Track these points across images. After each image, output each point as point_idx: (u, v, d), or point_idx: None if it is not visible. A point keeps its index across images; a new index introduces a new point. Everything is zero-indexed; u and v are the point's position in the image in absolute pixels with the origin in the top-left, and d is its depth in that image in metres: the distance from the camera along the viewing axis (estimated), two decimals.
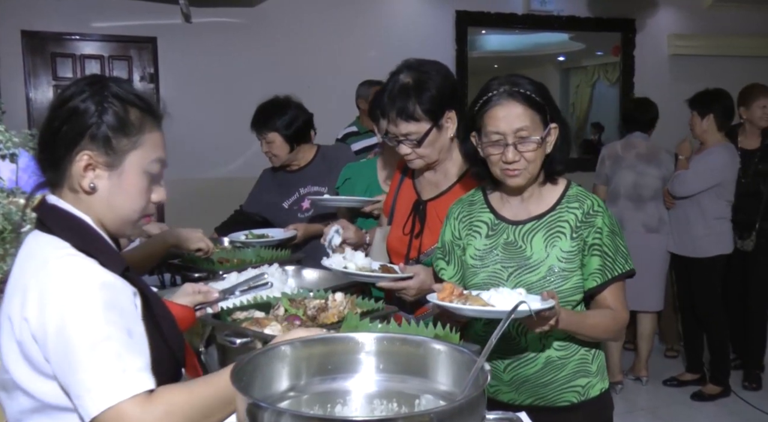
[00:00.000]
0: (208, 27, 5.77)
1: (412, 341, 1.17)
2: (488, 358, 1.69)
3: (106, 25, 5.59)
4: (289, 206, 3.25)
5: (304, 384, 1.16)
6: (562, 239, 1.79)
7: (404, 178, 2.32)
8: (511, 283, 1.78)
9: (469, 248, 1.89)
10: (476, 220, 1.90)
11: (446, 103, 2.07)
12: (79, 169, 1.26)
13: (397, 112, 2.04)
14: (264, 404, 0.94)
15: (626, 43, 7.39)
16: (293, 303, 1.89)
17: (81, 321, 1.15)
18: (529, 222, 1.83)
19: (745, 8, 7.48)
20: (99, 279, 1.19)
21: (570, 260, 1.77)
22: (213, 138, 5.71)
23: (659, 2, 7.31)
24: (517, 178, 1.77)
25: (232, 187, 5.08)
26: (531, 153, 1.75)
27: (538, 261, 1.78)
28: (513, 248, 1.82)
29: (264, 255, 2.77)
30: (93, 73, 1.39)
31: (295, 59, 5.87)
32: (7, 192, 1.85)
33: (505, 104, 1.74)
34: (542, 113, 1.76)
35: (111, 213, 1.30)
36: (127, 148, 1.28)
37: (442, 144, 2.10)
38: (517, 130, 1.72)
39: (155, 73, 5.72)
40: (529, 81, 1.79)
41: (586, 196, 1.85)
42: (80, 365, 1.13)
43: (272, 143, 3.14)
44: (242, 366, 1.06)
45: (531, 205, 1.85)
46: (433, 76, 2.07)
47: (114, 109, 1.26)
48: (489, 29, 6.94)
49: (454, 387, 1.08)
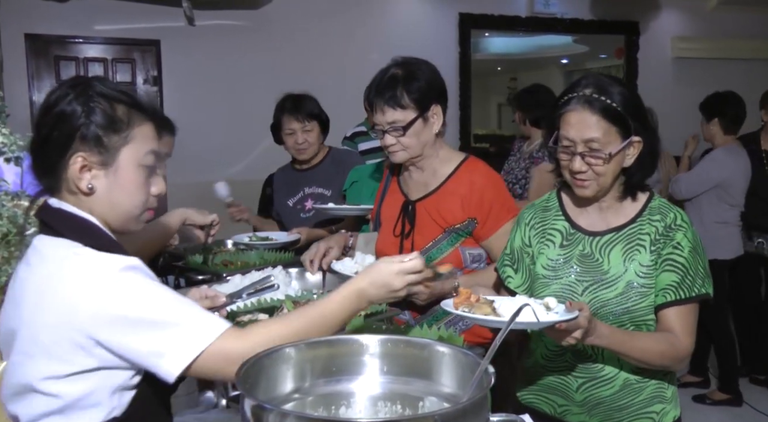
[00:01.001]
0: (211, 30, 5.79)
1: (417, 343, 1.17)
2: (559, 375, 1.70)
3: (109, 27, 5.61)
4: (293, 204, 3.25)
5: (309, 386, 1.16)
6: (641, 252, 1.66)
7: (389, 183, 2.32)
8: (586, 298, 1.67)
9: (541, 257, 1.77)
10: (550, 228, 1.79)
11: (434, 96, 2.08)
12: (75, 171, 1.25)
13: (385, 100, 2.05)
14: (269, 406, 0.95)
15: (629, 46, 7.39)
16: (297, 306, 1.89)
17: (137, 294, 1.19)
18: (608, 234, 1.71)
19: (749, 11, 7.47)
20: (126, 262, 1.22)
21: (648, 275, 1.65)
22: (216, 141, 5.72)
23: (662, 5, 7.31)
24: (585, 189, 1.67)
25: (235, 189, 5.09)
26: (600, 167, 1.63)
27: (615, 276, 1.66)
28: (589, 261, 1.71)
29: (267, 258, 2.78)
30: (74, 76, 1.38)
31: (298, 62, 5.89)
32: (11, 195, 1.86)
33: (579, 111, 1.63)
34: (622, 126, 1.62)
35: (113, 211, 1.31)
36: (118, 144, 1.28)
37: (426, 138, 2.10)
38: (587, 141, 1.62)
39: (158, 75, 5.74)
40: (620, 88, 1.65)
41: (669, 208, 1.71)
42: (163, 325, 1.18)
43: (311, 132, 3.11)
44: (247, 368, 1.06)
45: (610, 216, 1.74)
46: (423, 69, 2.10)
47: (100, 108, 1.26)
48: (492, 32, 6.96)
49: (458, 390, 1.09)
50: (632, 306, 1.64)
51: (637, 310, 1.64)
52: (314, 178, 3.22)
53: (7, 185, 1.87)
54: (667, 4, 7.33)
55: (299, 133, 3.10)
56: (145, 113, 1.33)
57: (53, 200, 1.30)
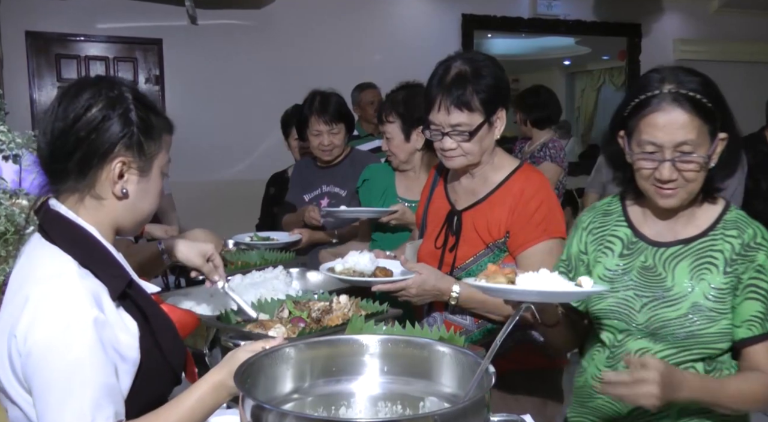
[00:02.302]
0: (214, 29, 5.79)
1: (417, 343, 1.17)
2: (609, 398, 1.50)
3: (111, 26, 5.61)
4: (309, 200, 3.23)
5: (309, 386, 1.16)
6: (713, 272, 1.47)
7: (435, 187, 2.15)
8: (644, 316, 1.50)
9: (597, 267, 1.60)
10: (610, 234, 1.62)
11: (501, 97, 1.90)
12: (114, 176, 1.25)
13: (452, 99, 1.84)
14: (268, 406, 0.94)
15: (632, 48, 7.39)
16: (297, 306, 1.88)
17: (64, 359, 1.14)
18: (674, 246, 1.53)
19: (751, 14, 7.48)
20: (92, 315, 1.16)
21: (720, 299, 1.45)
22: (218, 140, 5.72)
23: (665, 7, 7.31)
24: (671, 199, 1.47)
25: (237, 189, 5.10)
26: (692, 173, 1.44)
27: (679, 294, 1.48)
28: (651, 274, 1.53)
29: (268, 258, 2.76)
30: (99, 76, 1.36)
31: (301, 62, 5.88)
32: (9, 193, 1.84)
33: (668, 110, 1.42)
34: (712, 122, 1.43)
35: (132, 216, 1.31)
36: (155, 151, 1.30)
37: (488, 144, 1.92)
38: (679, 144, 1.41)
39: (160, 74, 5.74)
40: (697, 78, 1.46)
41: (747, 223, 1.51)
42: (52, 405, 1.13)
43: (338, 134, 3.06)
44: (246, 368, 1.06)
45: (678, 226, 1.55)
46: (490, 66, 1.90)
47: (140, 114, 1.27)
48: (495, 33, 6.95)
49: (458, 390, 1.08)
50: (697, 331, 1.45)
51: (704, 336, 1.46)
52: (333, 176, 3.19)
53: (6, 183, 1.86)
54: (669, 6, 7.33)
55: (325, 135, 3.05)
56: (166, 120, 1.35)
57: (53, 202, 1.28)
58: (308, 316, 1.82)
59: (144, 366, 1.24)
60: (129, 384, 1.22)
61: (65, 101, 1.25)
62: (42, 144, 1.27)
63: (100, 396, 1.14)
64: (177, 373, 1.36)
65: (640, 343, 1.52)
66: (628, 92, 1.55)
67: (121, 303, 1.24)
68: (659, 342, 1.49)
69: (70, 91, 1.27)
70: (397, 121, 2.59)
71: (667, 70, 1.47)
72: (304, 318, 1.81)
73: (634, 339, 1.53)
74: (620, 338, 1.55)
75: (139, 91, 1.32)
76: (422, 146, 2.59)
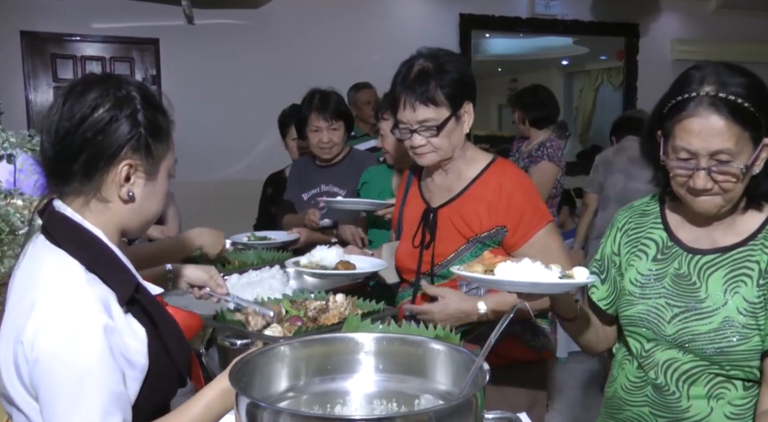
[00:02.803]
0: (210, 29, 5.78)
1: (412, 341, 1.16)
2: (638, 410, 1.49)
3: (107, 26, 5.59)
4: (307, 199, 3.23)
5: (304, 384, 1.15)
6: (747, 284, 1.38)
7: (410, 187, 2.15)
8: (673, 327, 1.42)
9: (630, 270, 1.52)
10: (645, 237, 1.53)
11: (466, 90, 1.90)
12: (121, 179, 1.23)
13: (417, 96, 1.85)
14: (263, 404, 0.93)
15: (630, 48, 7.40)
16: (294, 305, 1.88)
17: (72, 366, 1.12)
18: (711, 255, 1.43)
19: (749, 15, 7.50)
20: (101, 322, 1.14)
21: (753, 314, 1.36)
22: (216, 140, 5.71)
23: (663, 7, 7.32)
24: (707, 206, 1.38)
25: (235, 189, 5.09)
26: (729, 183, 1.33)
27: (712, 307, 1.39)
28: (685, 283, 1.44)
29: (266, 257, 2.76)
30: (106, 73, 1.32)
31: (298, 62, 5.88)
32: (4, 193, 1.83)
33: (704, 115, 1.30)
34: (755, 128, 1.31)
35: (138, 218, 1.29)
36: (163, 153, 1.28)
37: (458, 138, 1.92)
38: (716, 153, 1.31)
39: (157, 74, 5.73)
40: (743, 78, 1.33)
41: None
42: (60, 413, 1.11)
43: (337, 131, 3.07)
44: (241, 366, 1.05)
45: (717, 232, 1.44)
46: (453, 61, 1.90)
47: (147, 115, 1.24)
48: (493, 33, 6.96)
49: (453, 387, 1.08)
50: (728, 348, 1.37)
51: (736, 353, 1.36)
52: (332, 175, 3.20)
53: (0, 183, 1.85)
54: (667, 6, 7.34)
55: (325, 132, 3.06)
56: (171, 120, 1.32)
57: (58, 203, 1.25)
58: (305, 315, 1.82)
59: (152, 372, 1.22)
60: (137, 391, 1.21)
61: (71, 99, 1.21)
62: (46, 144, 1.23)
63: (109, 403, 1.13)
64: (183, 377, 1.34)
65: (669, 354, 1.45)
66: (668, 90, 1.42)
67: (130, 308, 1.22)
68: (688, 354, 1.42)
69: (76, 88, 1.23)
70: (391, 118, 2.60)
71: (709, 69, 1.35)
72: (301, 316, 1.81)
73: (662, 349, 1.46)
74: (648, 347, 1.49)
75: (147, 90, 1.29)
76: None
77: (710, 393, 1.41)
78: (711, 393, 1.41)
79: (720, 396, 1.41)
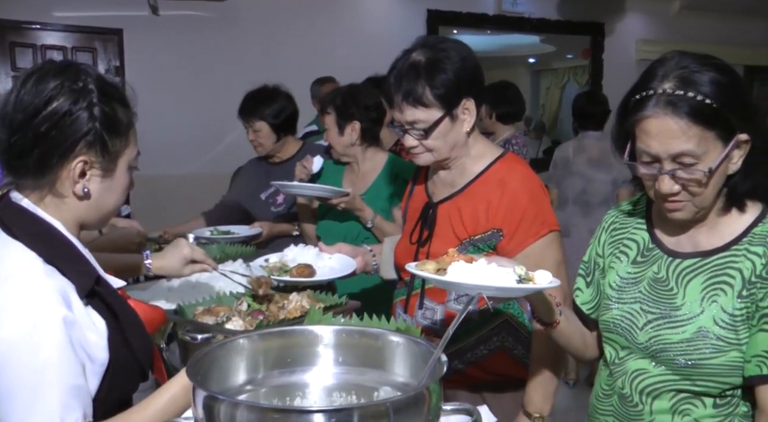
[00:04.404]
0: (176, 20, 5.70)
1: (371, 333, 1.16)
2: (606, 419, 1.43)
3: (69, 14, 5.46)
4: (265, 198, 3.23)
5: (262, 377, 1.14)
6: (727, 294, 1.28)
7: (417, 180, 2.03)
8: (645, 334, 1.34)
9: (610, 273, 1.44)
10: (628, 238, 1.45)
11: (464, 89, 1.73)
12: (75, 175, 1.19)
13: (403, 95, 1.71)
14: (221, 396, 0.93)
15: (595, 47, 7.51)
16: (256, 300, 1.87)
17: (31, 360, 1.09)
18: (692, 259, 1.34)
19: (711, 17, 7.67)
20: (60, 314, 1.12)
21: (732, 327, 1.26)
22: (180, 134, 5.64)
23: (627, 8, 7.44)
24: (679, 213, 1.29)
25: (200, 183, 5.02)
26: (696, 187, 1.24)
27: (687, 315, 1.30)
28: (662, 288, 1.35)
29: (229, 252, 2.74)
30: (64, 62, 1.27)
31: (265, 55, 5.83)
32: None
33: (660, 116, 1.21)
34: (722, 126, 1.21)
35: (96, 213, 1.26)
36: (120, 148, 1.24)
37: (455, 138, 1.76)
38: (677, 155, 1.21)
39: (121, 66, 5.63)
40: (711, 73, 1.22)
41: None
42: (19, 408, 1.09)
43: (259, 132, 3.10)
44: (199, 360, 1.04)
45: (700, 235, 1.34)
46: (451, 56, 1.72)
47: (104, 110, 1.20)
48: (460, 29, 6.98)
49: (412, 379, 1.08)
50: (700, 360, 1.27)
51: (708, 367, 1.27)
52: (287, 172, 3.20)
53: None
54: (632, 7, 7.46)
55: (250, 132, 3.13)
56: (133, 112, 1.28)
57: (15, 194, 1.22)
58: (267, 309, 1.81)
59: (113, 366, 1.20)
60: (97, 385, 1.19)
61: (25, 89, 1.18)
62: (2, 135, 1.19)
63: (69, 398, 1.11)
64: (145, 371, 1.32)
65: (639, 364, 1.38)
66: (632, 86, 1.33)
67: (90, 301, 1.20)
68: (659, 366, 1.34)
69: (32, 77, 1.19)
70: (333, 113, 2.63)
71: (674, 62, 1.26)
72: (263, 310, 1.80)
73: (634, 358, 1.39)
74: (622, 355, 1.42)
75: (107, 81, 1.24)
76: (362, 141, 2.62)
77: (675, 408, 1.34)
78: (676, 409, 1.34)
79: (686, 412, 1.33)
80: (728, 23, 7.80)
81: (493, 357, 1.81)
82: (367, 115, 2.62)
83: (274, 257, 1.97)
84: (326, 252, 1.98)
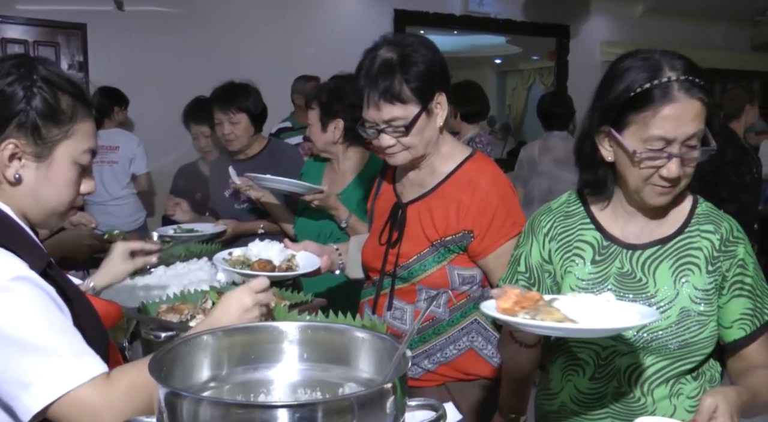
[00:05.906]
0: (141, 16, 5.62)
1: (336, 329, 1.16)
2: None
3: (31, 8, 5.33)
4: (229, 196, 3.20)
5: (226, 374, 1.13)
6: (696, 273, 1.36)
7: (382, 182, 2.01)
8: (632, 330, 1.35)
9: (568, 277, 1.44)
10: (577, 240, 1.45)
11: (436, 83, 1.73)
12: (4, 158, 1.18)
13: (380, 93, 1.69)
14: (183, 393, 0.92)
15: (561, 49, 7.61)
16: (220, 297, 1.86)
17: (15, 310, 1.09)
18: (651, 248, 1.40)
19: (674, 20, 7.84)
20: (19, 273, 1.12)
21: (708, 301, 1.35)
22: (145, 131, 5.56)
23: (592, 10, 7.56)
24: (666, 197, 1.35)
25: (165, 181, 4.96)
26: (691, 168, 1.32)
27: (666, 300, 1.36)
28: (630, 281, 1.39)
29: (193, 250, 2.73)
30: (17, 53, 1.28)
31: (231, 52, 5.77)
32: None
33: (681, 99, 1.26)
34: (709, 110, 1.30)
35: (36, 205, 1.24)
36: (57, 138, 1.21)
37: (430, 134, 1.76)
38: (690, 137, 1.28)
39: (84, 61, 5.52)
40: (684, 59, 1.32)
41: (720, 216, 1.42)
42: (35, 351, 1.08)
43: (238, 124, 3.03)
44: (161, 357, 1.03)
45: (653, 225, 1.41)
46: (420, 50, 1.72)
47: (44, 96, 1.19)
48: (427, 29, 7.00)
49: (377, 375, 1.08)
50: (691, 339, 1.35)
51: (696, 343, 1.35)
52: (251, 169, 3.17)
53: None
54: (596, 9, 7.58)
55: (226, 124, 3.05)
56: (89, 108, 1.26)
57: None
58: None
59: None
60: None
61: None
62: None
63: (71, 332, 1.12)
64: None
65: (629, 359, 1.39)
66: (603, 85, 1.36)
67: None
68: (650, 356, 1.38)
69: None
70: (317, 109, 2.60)
71: (656, 55, 1.31)
72: None
73: (621, 355, 1.40)
74: (605, 355, 1.42)
75: (54, 72, 1.23)
76: (344, 139, 2.60)
77: (672, 391, 1.39)
78: (672, 392, 1.39)
79: (680, 392, 1.40)
80: (690, 26, 7.97)
81: (462, 357, 1.82)
82: (351, 113, 2.54)
83: (237, 251, 1.95)
84: (292, 249, 1.96)
